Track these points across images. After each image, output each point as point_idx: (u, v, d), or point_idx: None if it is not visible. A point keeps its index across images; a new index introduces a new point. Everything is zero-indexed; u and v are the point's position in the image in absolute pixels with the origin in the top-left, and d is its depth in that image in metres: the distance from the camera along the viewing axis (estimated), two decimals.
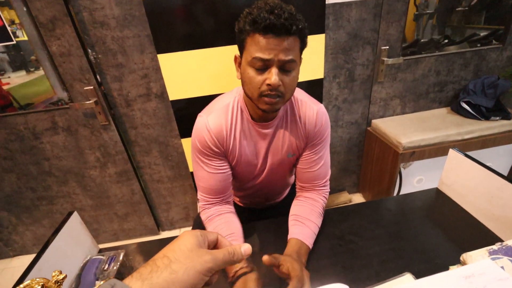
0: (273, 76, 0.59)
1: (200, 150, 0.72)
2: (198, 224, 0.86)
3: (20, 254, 1.84)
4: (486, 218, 0.73)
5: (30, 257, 1.84)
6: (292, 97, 0.74)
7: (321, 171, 0.79)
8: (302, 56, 0.66)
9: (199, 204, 0.79)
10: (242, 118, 0.73)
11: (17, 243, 1.79)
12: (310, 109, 0.75)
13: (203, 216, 0.77)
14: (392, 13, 1.44)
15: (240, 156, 0.75)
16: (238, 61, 0.67)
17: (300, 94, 0.77)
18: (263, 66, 0.60)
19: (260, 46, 0.58)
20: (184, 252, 0.31)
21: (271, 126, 0.73)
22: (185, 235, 0.34)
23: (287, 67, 0.61)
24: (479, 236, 0.71)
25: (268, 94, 0.61)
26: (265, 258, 0.55)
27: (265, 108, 0.63)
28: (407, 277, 0.58)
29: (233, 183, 0.93)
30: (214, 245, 0.38)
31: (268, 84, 0.60)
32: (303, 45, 0.64)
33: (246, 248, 0.37)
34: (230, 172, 0.77)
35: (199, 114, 0.74)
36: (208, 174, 0.74)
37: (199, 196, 0.78)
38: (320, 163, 0.78)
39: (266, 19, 0.55)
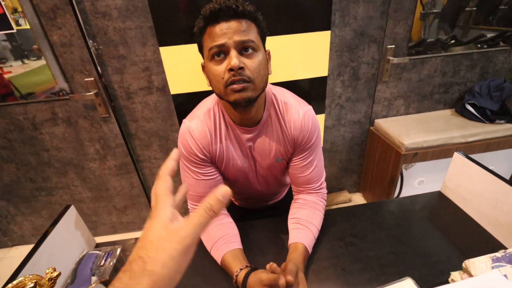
0: (232, 59, 0.55)
1: (186, 157, 0.70)
2: None
3: (19, 244, 1.85)
4: (490, 224, 0.72)
5: (28, 247, 1.84)
6: (276, 100, 0.71)
7: (314, 175, 0.76)
8: (307, 53, 0.64)
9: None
10: (225, 122, 0.70)
11: (15, 233, 1.79)
12: (296, 112, 0.70)
13: None
14: (400, 11, 1.41)
15: (229, 161, 0.73)
16: (204, 69, 0.65)
17: (285, 97, 0.72)
18: (222, 54, 0.57)
19: (214, 36, 0.56)
20: (154, 244, 0.28)
21: (254, 131, 0.70)
22: (152, 219, 0.30)
23: (246, 48, 0.58)
24: (482, 242, 0.70)
25: (233, 81, 0.57)
26: (289, 278, 0.53)
27: (235, 98, 0.58)
28: (408, 282, 0.58)
29: (228, 186, 0.91)
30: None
31: (230, 69, 0.56)
32: (261, 32, 0.61)
33: (223, 191, 0.30)
34: (219, 178, 0.75)
35: (183, 120, 0.71)
36: (196, 181, 0.71)
37: (189, 206, 0.76)
38: (310, 168, 0.75)
39: (211, 7, 0.55)
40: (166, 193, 0.32)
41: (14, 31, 1.17)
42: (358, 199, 2.01)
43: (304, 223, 0.71)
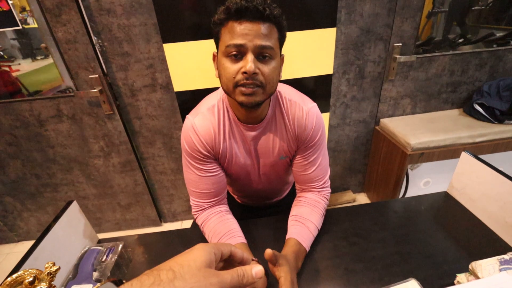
0: (248, 63, 0.54)
1: (190, 153, 0.69)
2: (197, 225, 0.85)
3: (25, 239, 1.87)
4: (498, 226, 0.70)
5: None
6: (281, 97, 0.70)
7: (317, 174, 0.75)
8: (311, 51, 0.63)
9: (192, 211, 0.76)
10: (229, 119, 0.69)
11: (21, 228, 1.81)
12: (300, 109, 0.69)
13: (198, 222, 0.75)
14: (407, 8, 1.38)
15: (232, 158, 0.72)
16: (216, 59, 0.64)
17: (290, 94, 0.71)
18: (238, 54, 0.56)
19: (234, 33, 0.55)
20: (191, 269, 0.30)
21: (258, 128, 0.69)
22: (197, 250, 0.32)
23: (264, 55, 0.57)
24: (489, 244, 0.68)
25: (244, 84, 0.56)
26: (268, 252, 0.53)
27: (243, 100, 0.58)
28: (412, 283, 0.56)
29: (231, 183, 0.91)
30: (227, 258, 0.36)
31: (244, 72, 0.55)
32: (281, 37, 0.60)
33: (258, 270, 0.34)
34: (222, 174, 0.74)
35: (187, 116, 0.71)
36: (199, 178, 0.71)
37: (191, 202, 0.75)
38: (314, 166, 0.74)
39: (238, 3, 0.53)
40: (223, 246, 0.35)
41: (20, 27, 1.18)
42: (362, 199, 1.99)
43: (301, 219, 0.70)
